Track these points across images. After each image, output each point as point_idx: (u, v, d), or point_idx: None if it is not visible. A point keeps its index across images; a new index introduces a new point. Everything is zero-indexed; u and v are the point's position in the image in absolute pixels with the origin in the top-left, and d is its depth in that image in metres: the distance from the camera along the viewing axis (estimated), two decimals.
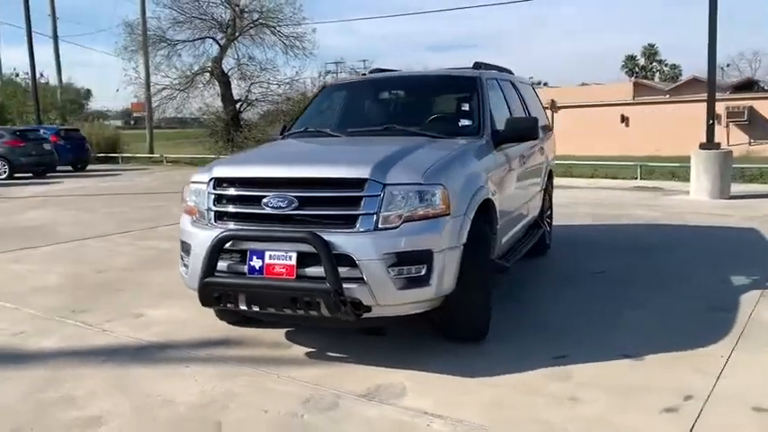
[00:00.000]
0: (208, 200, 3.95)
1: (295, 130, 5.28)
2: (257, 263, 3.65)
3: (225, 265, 3.78)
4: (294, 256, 3.58)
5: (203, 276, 3.70)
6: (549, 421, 3.12)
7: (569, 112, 36.76)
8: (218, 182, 3.96)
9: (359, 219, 3.59)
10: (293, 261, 3.58)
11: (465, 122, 4.90)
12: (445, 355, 3.96)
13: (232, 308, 3.80)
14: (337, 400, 3.37)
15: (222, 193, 3.93)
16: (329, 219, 3.65)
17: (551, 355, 3.95)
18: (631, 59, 75.51)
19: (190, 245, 3.96)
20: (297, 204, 3.67)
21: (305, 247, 3.53)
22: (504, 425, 3.08)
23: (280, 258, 3.61)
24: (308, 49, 27.84)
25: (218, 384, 3.60)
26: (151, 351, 4.19)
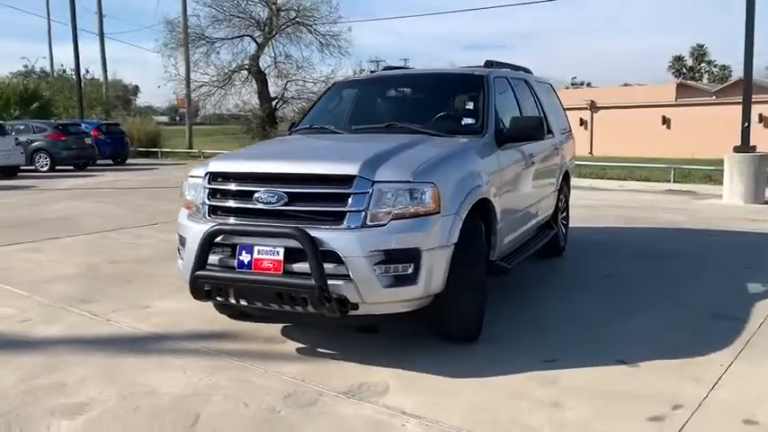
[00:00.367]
0: (203, 194, 4.00)
1: (301, 126, 5.31)
2: (246, 257, 3.68)
3: (216, 259, 3.82)
4: (281, 251, 3.60)
5: (194, 269, 3.75)
6: (529, 425, 3.06)
7: (609, 112, 36.11)
8: (214, 176, 4.01)
9: (347, 215, 3.58)
10: (280, 256, 3.60)
11: (468, 121, 4.84)
12: (435, 355, 3.93)
13: (222, 301, 3.85)
14: (318, 396, 3.37)
15: (216, 188, 3.97)
16: (318, 215, 3.65)
17: (543, 358, 3.88)
18: (679, 60, 73.65)
19: (185, 238, 4.02)
20: (286, 200, 3.68)
21: (292, 243, 3.54)
22: (481, 428, 3.03)
23: (268, 253, 3.63)
24: (344, 48, 28.04)
25: (205, 377, 3.64)
26: (148, 342, 4.26)
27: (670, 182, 15.44)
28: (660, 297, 5.23)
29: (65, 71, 39.81)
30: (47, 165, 19.73)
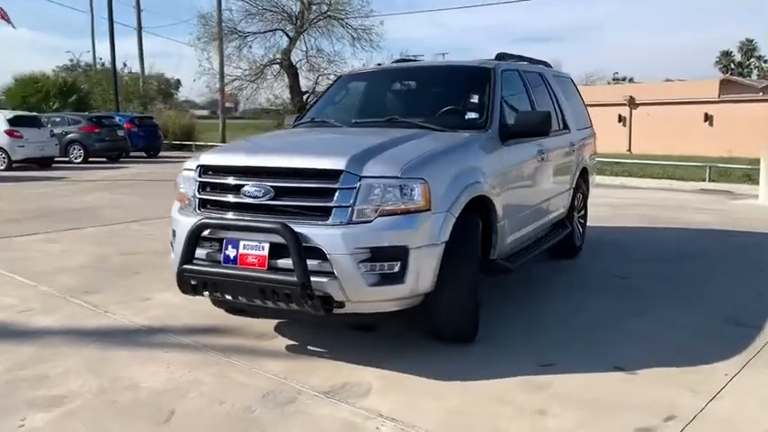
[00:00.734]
0: (194, 187, 3.96)
1: (304, 120, 5.24)
2: (232, 252, 3.62)
3: (204, 253, 3.77)
4: (266, 246, 3.53)
5: (181, 263, 3.71)
6: None
7: (649, 109, 35.21)
8: (204, 169, 3.96)
9: (333, 211, 3.49)
10: (265, 252, 3.53)
11: (472, 115, 4.70)
12: (426, 356, 3.82)
13: (208, 296, 3.80)
14: (297, 395, 3.30)
15: (206, 181, 3.92)
16: (305, 210, 3.57)
17: (537, 362, 3.74)
18: (727, 55, 71.26)
19: (175, 231, 3.98)
20: (273, 195, 3.61)
21: (278, 239, 3.47)
22: None
23: (253, 249, 3.57)
24: (376, 42, 27.92)
25: (188, 372, 3.60)
26: (140, 335, 4.25)
27: (705, 181, 14.95)
28: (672, 300, 5.02)
29: (103, 64, 40.61)
30: (80, 156, 20.15)
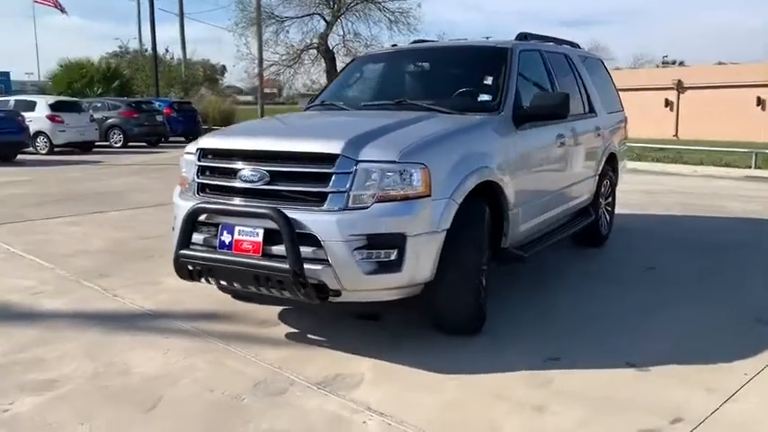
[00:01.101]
0: (194, 171, 3.89)
1: (314, 103, 5.12)
2: (227, 238, 3.55)
3: (201, 239, 3.71)
4: (261, 232, 3.44)
5: (177, 248, 3.66)
6: (501, 431, 2.79)
7: (698, 92, 33.97)
8: (204, 153, 3.89)
9: (328, 197, 3.38)
10: (260, 238, 3.44)
11: (485, 98, 4.51)
12: (427, 347, 3.68)
13: (205, 282, 3.74)
14: (288, 386, 3.21)
15: (205, 165, 3.85)
16: (300, 195, 3.47)
17: (544, 357, 3.57)
18: None
19: (176, 216, 3.93)
20: (269, 179, 3.51)
21: (271, 224, 3.37)
22: (447, 431, 2.79)
23: (248, 235, 3.49)
24: (413, 25, 27.59)
25: (184, 359, 3.55)
26: (144, 319, 4.22)
27: (751, 168, 14.33)
28: (700, 294, 4.77)
29: (146, 50, 41.27)
30: (120, 141, 20.50)
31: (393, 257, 3.36)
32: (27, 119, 16.24)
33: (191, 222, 3.64)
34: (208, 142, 3.90)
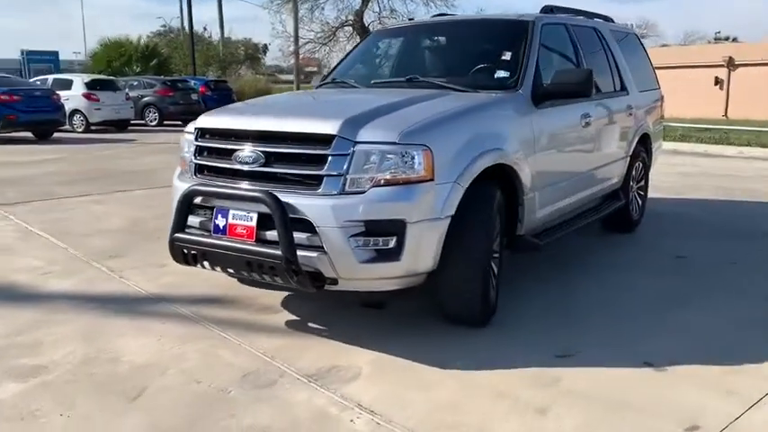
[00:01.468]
0: (191, 151, 3.76)
1: (326, 81, 4.92)
2: (221, 222, 3.40)
3: (197, 222, 3.58)
4: (255, 217, 3.29)
5: (172, 232, 3.53)
6: None
7: (751, 70, 32.52)
8: (202, 132, 3.74)
9: (324, 180, 3.19)
10: (253, 222, 3.29)
11: (502, 74, 4.24)
12: (432, 338, 3.50)
13: (201, 267, 3.61)
14: (279, 378, 3.06)
15: (203, 145, 3.70)
16: (296, 178, 3.29)
17: (556, 353, 3.35)
18: None
19: (173, 198, 3.80)
20: (264, 161, 3.35)
21: (265, 208, 3.21)
22: None
23: (242, 219, 3.34)
24: (450, 1, 26.98)
25: (177, 346, 3.44)
26: (145, 303, 4.14)
27: None
28: (733, 286, 4.44)
29: (184, 28, 41.54)
30: (155, 119, 20.67)
31: (391, 245, 3.16)
32: (64, 97, 16.46)
33: (186, 205, 3.51)
34: (205, 121, 3.75)
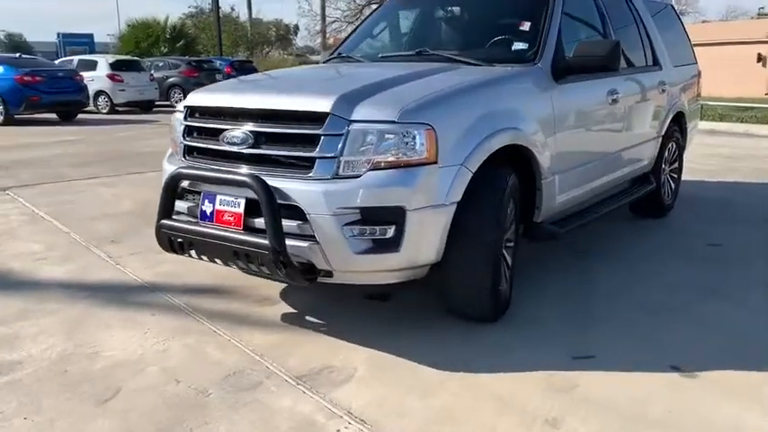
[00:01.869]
0: (181, 131, 3.50)
1: (332, 55, 4.61)
2: (208, 208, 3.14)
3: (186, 207, 3.33)
4: (242, 203, 3.01)
5: (159, 218, 3.28)
6: None
7: None
8: (191, 111, 3.48)
9: (316, 163, 2.90)
10: (241, 209, 3.02)
11: (519, 46, 3.89)
12: (437, 335, 3.21)
13: (189, 256, 3.36)
14: (264, 379, 2.81)
15: (192, 125, 3.44)
16: (285, 161, 3.01)
17: (572, 353, 3.03)
18: None
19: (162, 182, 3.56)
20: (252, 141, 3.06)
21: (253, 194, 2.94)
22: None
23: (229, 205, 3.07)
24: None
25: (162, 341, 3.20)
26: (137, 293, 3.91)
27: None
28: None
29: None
30: (180, 100, 20.52)
31: (390, 235, 2.86)
32: (89, 78, 16.45)
33: (172, 189, 3.26)
34: (195, 99, 3.49)
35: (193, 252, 3.23)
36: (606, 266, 4.31)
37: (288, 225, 2.89)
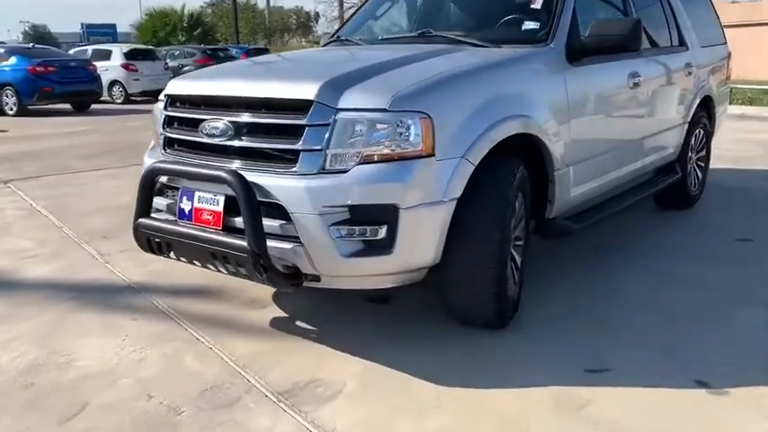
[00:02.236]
0: (161, 122, 3.25)
1: (332, 39, 4.32)
2: (187, 205, 2.88)
3: (165, 205, 3.08)
4: (222, 200, 2.76)
5: (136, 216, 3.04)
6: None
7: None
8: (172, 100, 3.22)
9: (300, 156, 2.63)
10: (220, 207, 2.76)
11: (530, 25, 3.56)
12: (436, 344, 2.93)
13: (168, 258, 3.11)
14: (243, 395, 2.55)
15: (172, 115, 3.18)
16: (270, 154, 2.74)
17: (586, 366, 2.73)
18: None
19: None
20: (232, 133, 2.80)
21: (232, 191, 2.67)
22: None
23: (208, 202, 2.81)
24: None
25: (140, 349, 2.96)
26: (123, 293, 3.69)
27: None
28: None
29: None
30: None
31: (381, 236, 2.58)
32: (102, 68, 16.33)
33: (149, 185, 3.00)
34: (175, 86, 3.23)
35: (173, 254, 2.99)
36: (625, 264, 3.98)
37: (270, 225, 2.63)
